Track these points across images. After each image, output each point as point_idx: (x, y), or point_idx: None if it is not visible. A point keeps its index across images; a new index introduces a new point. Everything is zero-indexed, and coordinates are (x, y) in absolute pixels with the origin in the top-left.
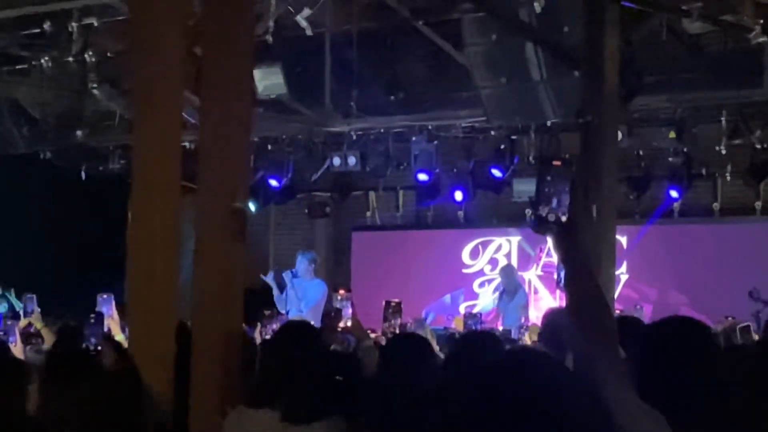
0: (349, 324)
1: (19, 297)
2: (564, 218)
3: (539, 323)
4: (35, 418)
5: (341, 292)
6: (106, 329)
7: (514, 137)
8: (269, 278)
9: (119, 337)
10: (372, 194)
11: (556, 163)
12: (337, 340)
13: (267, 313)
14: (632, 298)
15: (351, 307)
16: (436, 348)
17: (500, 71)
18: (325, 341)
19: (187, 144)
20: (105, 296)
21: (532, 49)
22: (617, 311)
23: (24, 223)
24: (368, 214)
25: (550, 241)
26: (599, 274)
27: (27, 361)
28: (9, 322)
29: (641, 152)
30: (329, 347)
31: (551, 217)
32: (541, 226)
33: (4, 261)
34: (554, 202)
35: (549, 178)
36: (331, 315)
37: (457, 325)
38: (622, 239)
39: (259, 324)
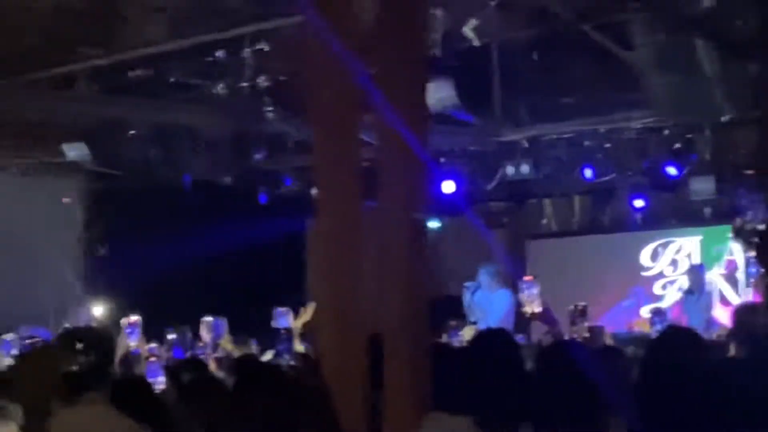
0: (535, 308)
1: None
2: (763, 227)
3: (723, 322)
4: None
5: (528, 277)
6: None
7: (688, 135)
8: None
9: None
10: (547, 201)
11: (749, 172)
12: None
13: (452, 323)
14: None
15: (537, 290)
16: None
17: (671, 69)
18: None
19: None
20: (281, 309)
21: (703, 45)
22: None
23: (205, 248)
24: (544, 221)
25: (745, 250)
26: None
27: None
28: (201, 344)
29: None
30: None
31: (748, 227)
32: (739, 235)
33: (188, 285)
34: (749, 213)
35: (742, 190)
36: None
37: (642, 327)
38: None
39: (444, 334)
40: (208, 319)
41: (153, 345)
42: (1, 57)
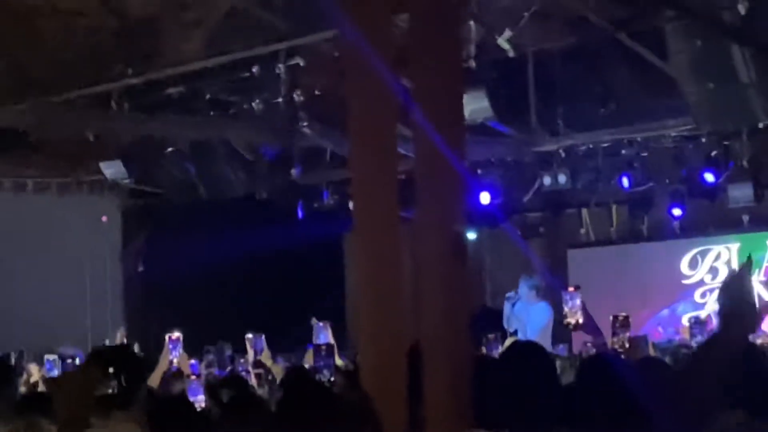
0: (578, 319)
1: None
2: None
3: (765, 329)
4: None
5: (571, 288)
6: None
7: (725, 143)
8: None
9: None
10: (585, 211)
11: None
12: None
13: (491, 336)
14: None
15: (580, 302)
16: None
17: (707, 77)
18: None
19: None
20: (321, 323)
21: (739, 52)
22: None
23: (243, 264)
24: (582, 231)
25: None
26: None
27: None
28: (242, 360)
29: None
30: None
31: None
32: None
33: (226, 301)
34: None
35: None
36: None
37: (684, 335)
38: None
39: (483, 346)
40: (249, 336)
41: (193, 362)
42: (39, 76)
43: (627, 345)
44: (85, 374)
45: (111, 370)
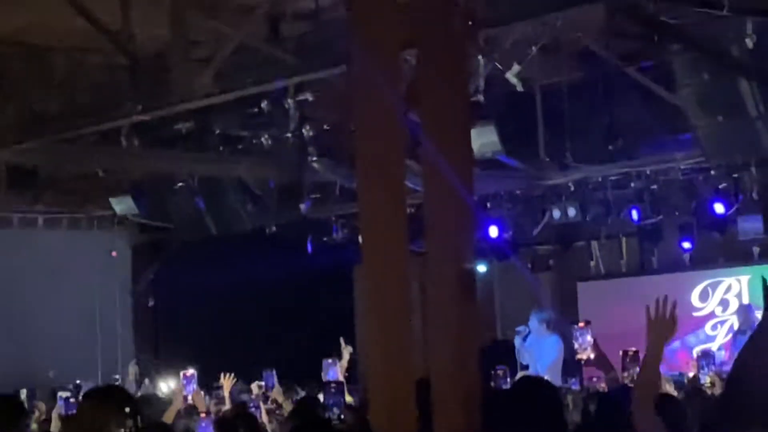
0: (590, 354)
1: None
2: None
3: None
4: None
5: (580, 323)
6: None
7: (735, 175)
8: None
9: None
10: (594, 243)
11: None
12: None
13: (500, 371)
14: None
15: (591, 338)
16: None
17: (716, 109)
18: None
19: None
20: (329, 361)
21: (747, 85)
22: None
23: (253, 298)
24: (592, 263)
25: None
26: None
27: None
28: (254, 396)
29: None
30: None
31: None
32: None
33: (236, 335)
34: None
35: None
36: None
37: (693, 370)
38: None
39: (491, 381)
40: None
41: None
42: (49, 112)
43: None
44: (102, 413)
45: (127, 409)
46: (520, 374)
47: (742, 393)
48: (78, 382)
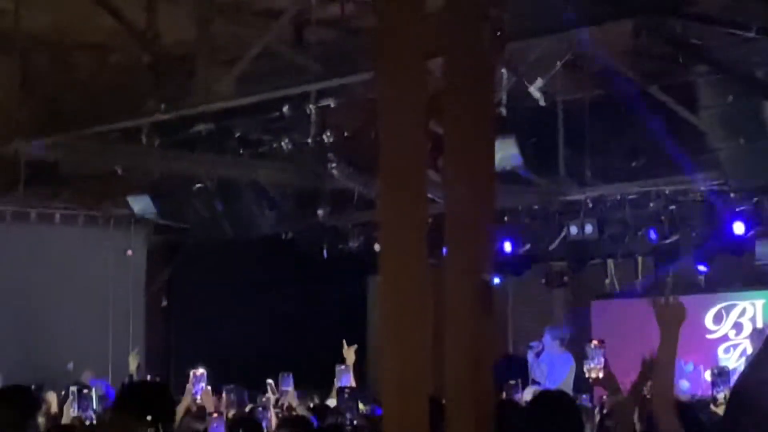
0: (600, 374)
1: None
2: None
3: None
4: None
5: (594, 342)
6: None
7: (755, 198)
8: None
9: None
10: (610, 262)
11: None
12: None
13: (512, 382)
14: None
15: (603, 357)
16: None
17: (738, 132)
18: None
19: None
20: (343, 366)
21: None
22: None
23: (267, 303)
24: (607, 282)
25: None
26: None
27: None
28: (264, 399)
29: None
30: None
31: None
32: None
33: (249, 339)
34: None
35: None
36: None
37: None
38: None
39: (503, 392)
40: (270, 381)
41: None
42: (71, 109)
43: (649, 395)
44: (122, 421)
45: (149, 417)
46: (529, 389)
47: (743, 409)
48: (90, 377)
